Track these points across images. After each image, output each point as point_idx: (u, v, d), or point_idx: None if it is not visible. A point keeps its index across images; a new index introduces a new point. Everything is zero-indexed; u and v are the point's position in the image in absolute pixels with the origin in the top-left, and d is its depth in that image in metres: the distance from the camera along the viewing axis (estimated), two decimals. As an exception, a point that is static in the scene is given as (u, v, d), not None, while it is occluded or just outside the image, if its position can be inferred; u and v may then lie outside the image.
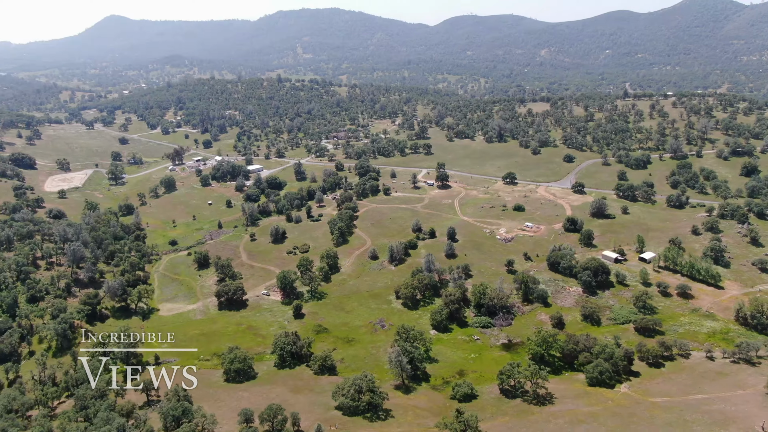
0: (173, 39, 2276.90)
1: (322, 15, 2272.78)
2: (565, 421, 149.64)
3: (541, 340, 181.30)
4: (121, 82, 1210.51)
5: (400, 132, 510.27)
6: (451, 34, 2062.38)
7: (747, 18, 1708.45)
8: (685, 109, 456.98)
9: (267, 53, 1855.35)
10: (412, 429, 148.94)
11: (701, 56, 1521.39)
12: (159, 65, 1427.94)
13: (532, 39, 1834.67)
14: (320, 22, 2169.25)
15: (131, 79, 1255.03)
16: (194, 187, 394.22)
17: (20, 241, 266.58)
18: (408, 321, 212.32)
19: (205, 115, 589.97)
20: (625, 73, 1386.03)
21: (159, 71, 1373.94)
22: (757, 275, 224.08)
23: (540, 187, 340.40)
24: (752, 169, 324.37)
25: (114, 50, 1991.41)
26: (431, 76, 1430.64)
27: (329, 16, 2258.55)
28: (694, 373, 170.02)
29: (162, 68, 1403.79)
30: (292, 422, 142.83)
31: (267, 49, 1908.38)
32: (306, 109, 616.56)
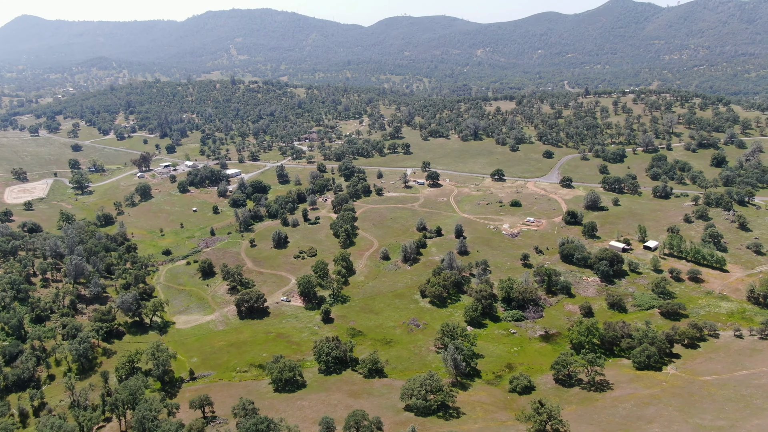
0: (94, 40, 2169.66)
1: (253, 15, 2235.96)
2: (631, 404, 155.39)
3: (584, 329, 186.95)
4: (45, 86, 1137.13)
5: (372, 132, 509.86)
6: (386, 35, 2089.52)
7: (665, 20, 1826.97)
8: (646, 105, 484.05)
9: (199, 54, 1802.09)
10: (489, 424, 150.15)
11: (627, 55, 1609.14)
12: (84, 68, 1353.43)
13: (467, 39, 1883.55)
14: (252, 23, 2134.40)
15: (56, 83, 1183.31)
16: (171, 194, 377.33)
17: (3, 258, 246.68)
18: (440, 319, 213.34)
19: (163, 119, 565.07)
20: (561, 72, 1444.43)
21: (85, 74, 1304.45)
22: (754, 258, 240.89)
23: (529, 183, 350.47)
24: (721, 160, 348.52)
25: (29, 52, 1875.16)
26: (374, 77, 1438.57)
27: (261, 16, 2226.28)
28: (730, 351, 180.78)
29: (88, 71, 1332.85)
30: (376, 427, 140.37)
31: (199, 51, 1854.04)
32: (268, 111, 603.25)
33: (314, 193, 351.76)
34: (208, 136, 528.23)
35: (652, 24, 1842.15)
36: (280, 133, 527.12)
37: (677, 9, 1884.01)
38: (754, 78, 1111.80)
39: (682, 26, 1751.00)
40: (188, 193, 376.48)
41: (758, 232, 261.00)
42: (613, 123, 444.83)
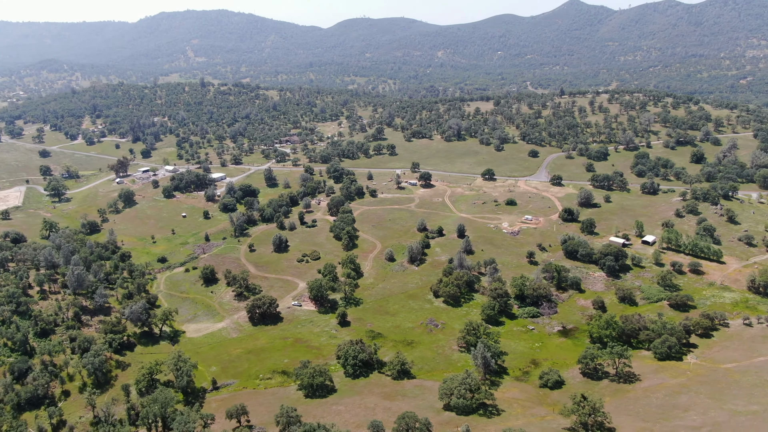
0: (40, 42, 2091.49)
1: (209, 17, 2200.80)
2: (663, 394, 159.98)
3: (604, 323, 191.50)
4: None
5: (353, 134, 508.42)
6: (346, 37, 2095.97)
7: (617, 22, 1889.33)
8: (621, 104, 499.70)
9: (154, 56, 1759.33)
10: (531, 420, 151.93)
11: (584, 57, 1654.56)
12: (33, 71, 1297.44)
13: (427, 41, 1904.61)
14: (209, 24, 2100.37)
15: (4, 86, 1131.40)
16: (156, 200, 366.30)
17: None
18: (456, 318, 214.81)
19: (135, 122, 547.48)
20: (522, 73, 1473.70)
21: (35, 77, 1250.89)
22: (747, 249, 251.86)
23: (519, 182, 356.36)
24: (700, 156, 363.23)
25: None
26: (338, 78, 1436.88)
27: (217, 17, 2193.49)
28: (743, 339, 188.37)
29: (38, 74, 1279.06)
30: (426, 428, 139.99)
31: (154, 53, 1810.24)
32: (243, 114, 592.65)
33: (307, 196, 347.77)
34: (183, 139, 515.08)
35: (605, 26, 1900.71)
36: (258, 136, 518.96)
37: (629, 12, 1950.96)
38: (706, 78, 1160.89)
39: (634, 29, 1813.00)
40: (174, 198, 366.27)
41: (746, 225, 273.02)
42: (592, 122, 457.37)
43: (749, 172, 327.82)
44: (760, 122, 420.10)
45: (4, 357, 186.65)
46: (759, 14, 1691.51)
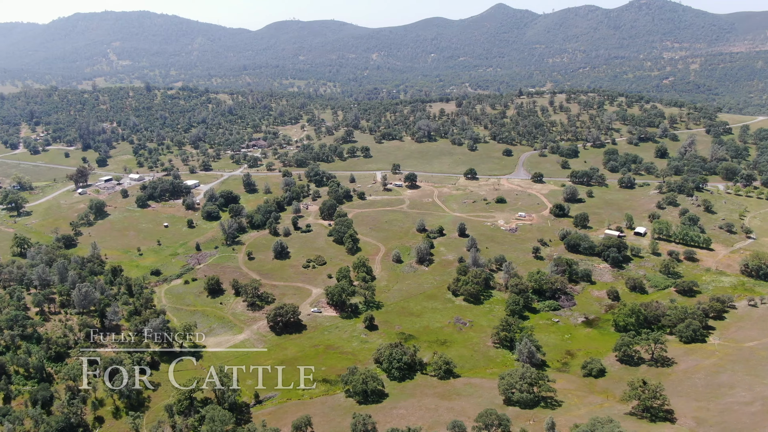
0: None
1: (130, 18, 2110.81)
2: (703, 374, 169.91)
3: (629, 311, 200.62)
4: None
5: (321, 137, 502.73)
6: (277, 39, 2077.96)
7: (543, 25, 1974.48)
8: (579, 104, 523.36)
9: (72, 60, 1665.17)
10: (592, 409, 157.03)
11: (514, 59, 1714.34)
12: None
13: (361, 44, 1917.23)
14: (130, 26, 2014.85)
15: None
16: (130, 210, 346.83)
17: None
18: (481, 316, 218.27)
19: (84, 129, 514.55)
20: (459, 75, 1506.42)
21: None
22: (730, 237, 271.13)
23: (502, 180, 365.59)
24: (664, 151, 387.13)
25: None
26: (276, 81, 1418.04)
27: (139, 19, 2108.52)
28: (753, 319, 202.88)
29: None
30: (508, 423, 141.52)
31: (71, 56, 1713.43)
32: (199, 119, 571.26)
33: (294, 201, 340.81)
34: (140, 146, 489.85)
35: (532, 29, 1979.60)
36: (219, 141, 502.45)
37: (552, 16, 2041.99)
38: (632, 78, 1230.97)
39: (559, 32, 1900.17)
40: (150, 208, 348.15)
41: (722, 214, 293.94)
42: (557, 121, 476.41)
43: (711, 165, 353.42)
44: (709, 119, 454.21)
45: (20, 385, 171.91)
46: (670, 19, 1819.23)
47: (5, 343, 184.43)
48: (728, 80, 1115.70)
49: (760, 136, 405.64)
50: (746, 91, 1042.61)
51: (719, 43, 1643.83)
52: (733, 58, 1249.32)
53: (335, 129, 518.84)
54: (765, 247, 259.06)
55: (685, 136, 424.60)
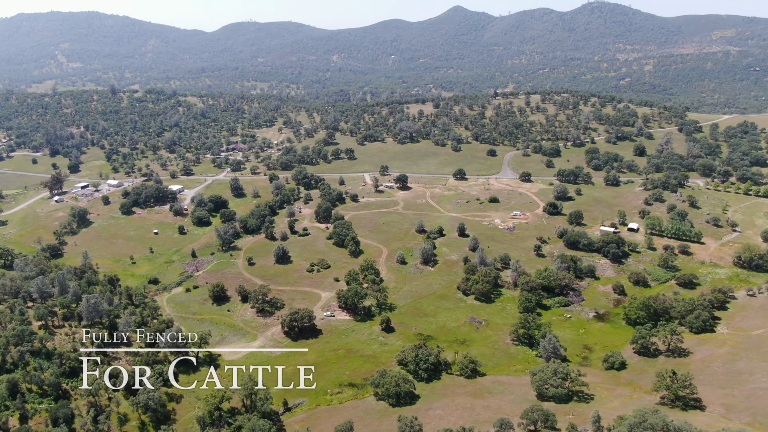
0: None
1: (78, 19, 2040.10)
2: (720, 363, 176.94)
3: (640, 304, 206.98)
4: None
5: (301, 140, 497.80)
6: (234, 41, 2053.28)
7: (500, 28, 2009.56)
8: (554, 104, 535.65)
9: (18, 62, 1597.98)
10: (624, 401, 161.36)
11: (474, 60, 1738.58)
12: None
13: (320, 45, 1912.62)
14: (78, 27, 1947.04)
15: None
16: (115, 217, 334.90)
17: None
18: (494, 314, 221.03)
19: (51, 135, 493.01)
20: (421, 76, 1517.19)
21: None
22: (717, 230, 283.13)
23: (491, 180, 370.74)
24: (642, 150, 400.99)
25: None
26: (238, 84, 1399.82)
27: (88, 20, 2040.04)
28: (754, 308, 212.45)
29: None
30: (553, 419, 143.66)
31: (16, 58, 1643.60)
32: (172, 122, 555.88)
33: (285, 204, 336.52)
34: (113, 151, 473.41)
35: (489, 32, 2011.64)
36: (195, 145, 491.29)
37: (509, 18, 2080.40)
38: (590, 79, 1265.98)
39: (516, 34, 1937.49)
40: (135, 214, 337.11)
41: (707, 209, 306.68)
42: (536, 121, 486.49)
43: (689, 163, 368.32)
44: (680, 118, 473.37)
45: (35, 404, 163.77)
46: (621, 22, 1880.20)
47: (13, 360, 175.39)
48: (681, 81, 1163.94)
49: (729, 134, 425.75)
50: (698, 91, 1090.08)
51: (668, 45, 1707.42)
52: (684, 59, 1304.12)
53: (315, 131, 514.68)
54: (751, 240, 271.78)
55: (659, 134, 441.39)
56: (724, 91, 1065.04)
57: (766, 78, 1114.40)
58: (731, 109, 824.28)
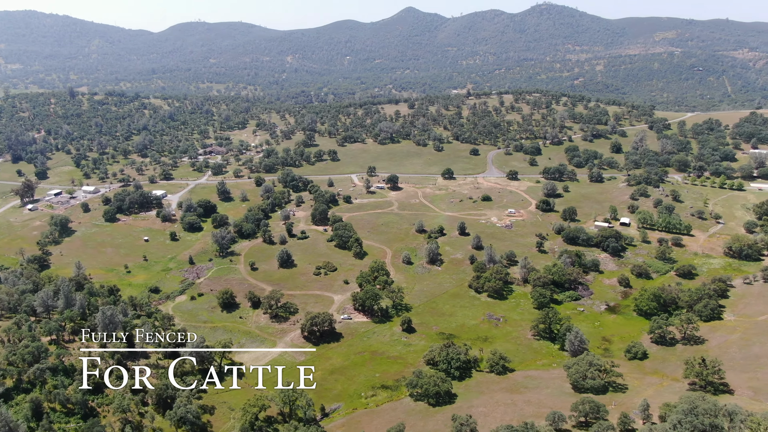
0: None
1: (14, 18, 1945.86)
2: (736, 348, 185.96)
3: (651, 296, 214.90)
4: None
5: (280, 141, 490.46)
6: (183, 41, 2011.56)
7: (452, 29, 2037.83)
8: (526, 104, 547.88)
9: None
10: (657, 389, 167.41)
11: (429, 61, 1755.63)
12: None
13: (274, 46, 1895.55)
14: (15, 27, 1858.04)
15: None
16: (99, 225, 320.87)
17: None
18: (509, 310, 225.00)
19: (13, 140, 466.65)
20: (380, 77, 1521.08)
21: None
22: (703, 223, 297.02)
23: (479, 179, 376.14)
24: (618, 147, 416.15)
25: None
26: (192, 85, 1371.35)
27: (25, 19, 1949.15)
28: (754, 295, 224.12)
29: None
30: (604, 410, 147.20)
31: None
32: (140, 125, 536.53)
33: (275, 208, 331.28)
34: (80, 156, 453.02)
35: (442, 33, 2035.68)
36: (168, 148, 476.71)
37: (461, 19, 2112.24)
38: (545, 80, 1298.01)
39: (469, 35, 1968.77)
40: (120, 221, 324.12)
41: (689, 202, 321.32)
42: (513, 120, 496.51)
43: (664, 159, 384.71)
44: (649, 116, 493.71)
45: (62, 424, 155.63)
46: (569, 24, 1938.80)
47: (29, 379, 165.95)
48: (631, 80, 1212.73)
49: (696, 131, 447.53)
50: (648, 90, 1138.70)
51: (615, 46, 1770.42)
52: (632, 60, 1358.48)
53: (292, 133, 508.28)
54: (735, 231, 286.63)
55: (632, 132, 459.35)
56: (672, 90, 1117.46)
57: (709, 77, 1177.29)
58: (681, 107, 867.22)
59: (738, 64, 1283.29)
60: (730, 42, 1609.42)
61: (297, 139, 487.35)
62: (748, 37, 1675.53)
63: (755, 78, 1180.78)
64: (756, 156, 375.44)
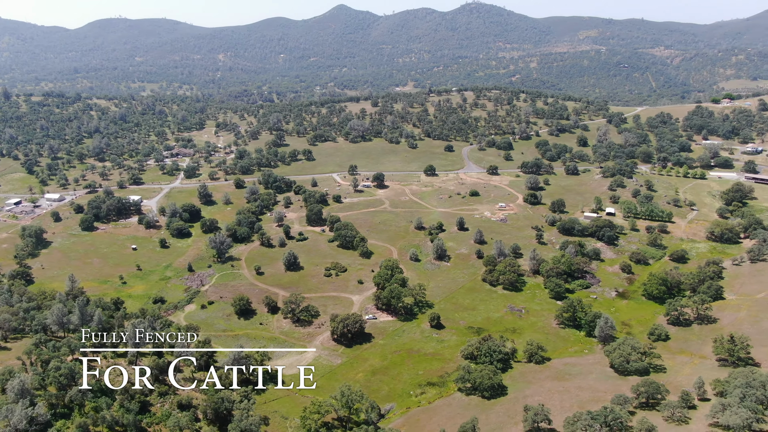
0: None
1: None
2: (748, 324, 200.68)
3: (660, 280, 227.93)
4: None
5: (248, 141, 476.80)
6: (104, 39, 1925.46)
7: (385, 27, 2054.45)
8: (489, 100, 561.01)
9: None
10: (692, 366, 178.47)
11: (365, 59, 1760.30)
12: None
13: (204, 44, 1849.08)
14: None
15: None
16: (76, 234, 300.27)
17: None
18: (526, 301, 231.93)
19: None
20: (319, 75, 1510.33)
21: None
22: (679, 210, 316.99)
23: (460, 174, 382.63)
24: (584, 141, 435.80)
25: None
26: (122, 84, 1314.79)
27: None
28: (746, 275, 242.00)
29: None
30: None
31: None
32: (92, 128, 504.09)
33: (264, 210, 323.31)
34: (31, 162, 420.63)
35: (376, 30, 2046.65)
36: (127, 151, 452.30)
37: (393, 17, 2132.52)
38: (483, 77, 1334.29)
39: (402, 32, 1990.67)
40: (99, 230, 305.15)
41: (662, 191, 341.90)
42: (480, 117, 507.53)
43: (629, 151, 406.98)
44: (605, 111, 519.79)
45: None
46: (498, 22, 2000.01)
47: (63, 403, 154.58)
48: (564, 76, 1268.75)
49: (651, 124, 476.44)
50: (581, 86, 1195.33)
51: (543, 44, 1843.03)
52: (563, 57, 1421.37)
53: (257, 134, 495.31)
54: (709, 217, 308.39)
55: (593, 126, 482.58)
56: (602, 86, 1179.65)
57: (634, 74, 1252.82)
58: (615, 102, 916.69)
59: (658, 61, 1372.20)
60: (647, 40, 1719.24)
61: (265, 139, 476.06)
62: (662, 36, 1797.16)
63: (675, 74, 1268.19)
64: (710, 147, 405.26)
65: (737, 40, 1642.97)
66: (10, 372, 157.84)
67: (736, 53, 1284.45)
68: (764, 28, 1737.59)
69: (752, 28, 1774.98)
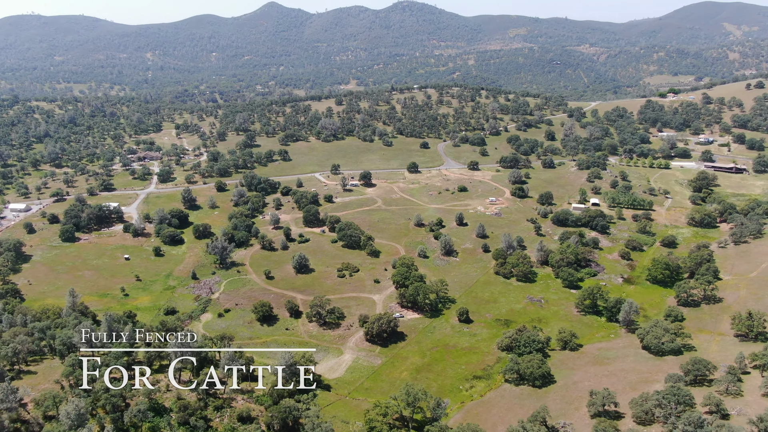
0: None
1: None
2: (753, 302, 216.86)
3: (663, 265, 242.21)
4: None
5: (216, 143, 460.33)
6: (17, 37, 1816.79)
7: (319, 25, 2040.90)
8: (452, 97, 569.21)
9: None
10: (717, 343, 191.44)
11: (300, 57, 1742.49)
12: None
13: (129, 42, 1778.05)
14: None
15: None
16: (58, 246, 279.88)
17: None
18: (541, 291, 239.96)
19: None
20: (256, 74, 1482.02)
21: None
22: (656, 198, 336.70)
23: (442, 170, 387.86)
24: (552, 135, 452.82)
25: None
26: (46, 85, 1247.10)
27: None
28: (733, 256, 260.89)
29: None
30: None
31: None
32: (41, 132, 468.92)
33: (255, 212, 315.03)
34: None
35: (309, 28, 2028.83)
36: (83, 156, 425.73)
37: (326, 15, 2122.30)
38: (424, 74, 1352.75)
39: (337, 30, 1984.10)
40: (82, 240, 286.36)
41: (636, 181, 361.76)
42: (448, 114, 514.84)
43: (596, 144, 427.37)
44: (564, 106, 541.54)
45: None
46: (430, 20, 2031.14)
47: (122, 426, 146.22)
48: (502, 73, 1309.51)
49: (609, 118, 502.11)
50: (519, 82, 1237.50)
51: (476, 42, 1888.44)
52: (499, 54, 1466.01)
53: (224, 135, 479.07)
54: (682, 204, 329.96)
55: (556, 120, 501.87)
56: (539, 82, 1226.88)
57: (567, 70, 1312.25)
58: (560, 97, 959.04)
59: (586, 59, 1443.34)
60: (573, 38, 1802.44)
61: (232, 140, 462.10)
62: (586, 34, 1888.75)
63: (604, 70, 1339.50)
64: (667, 138, 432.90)
65: (653, 38, 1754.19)
66: (54, 397, 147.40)
67: (656, 50, 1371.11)
68: (676, 27, 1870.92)
69: (665, 27, 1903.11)
